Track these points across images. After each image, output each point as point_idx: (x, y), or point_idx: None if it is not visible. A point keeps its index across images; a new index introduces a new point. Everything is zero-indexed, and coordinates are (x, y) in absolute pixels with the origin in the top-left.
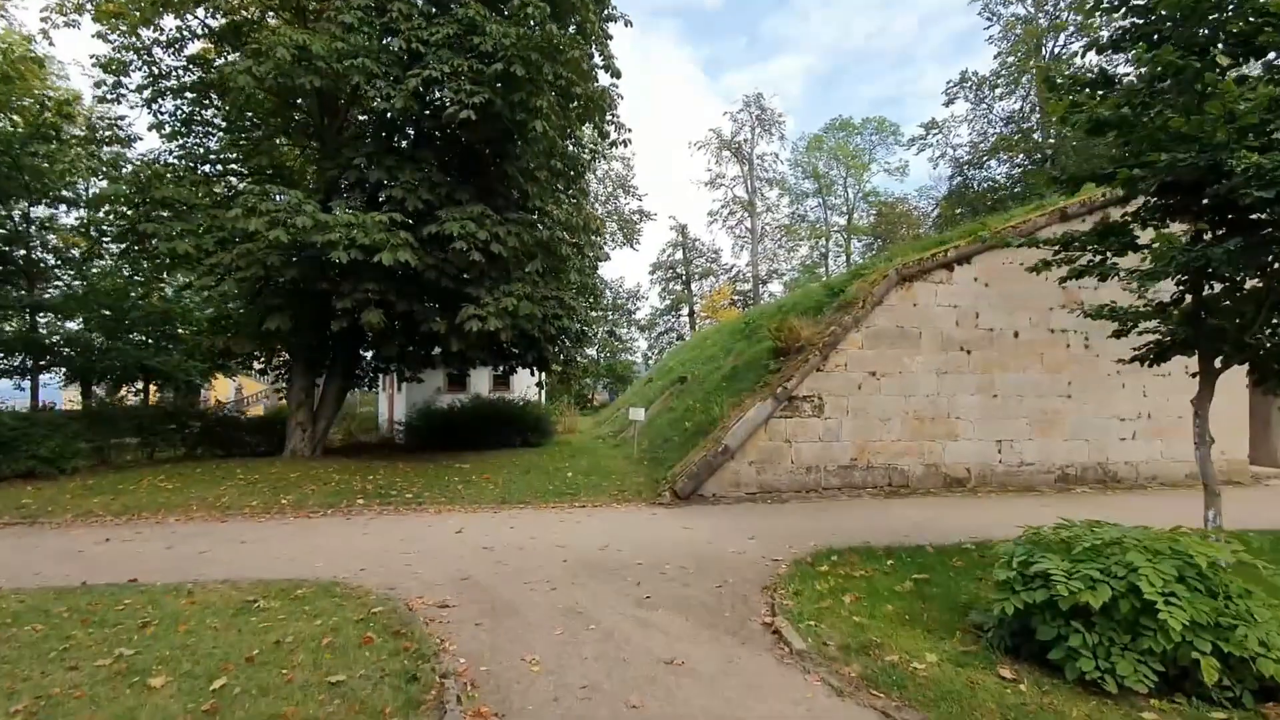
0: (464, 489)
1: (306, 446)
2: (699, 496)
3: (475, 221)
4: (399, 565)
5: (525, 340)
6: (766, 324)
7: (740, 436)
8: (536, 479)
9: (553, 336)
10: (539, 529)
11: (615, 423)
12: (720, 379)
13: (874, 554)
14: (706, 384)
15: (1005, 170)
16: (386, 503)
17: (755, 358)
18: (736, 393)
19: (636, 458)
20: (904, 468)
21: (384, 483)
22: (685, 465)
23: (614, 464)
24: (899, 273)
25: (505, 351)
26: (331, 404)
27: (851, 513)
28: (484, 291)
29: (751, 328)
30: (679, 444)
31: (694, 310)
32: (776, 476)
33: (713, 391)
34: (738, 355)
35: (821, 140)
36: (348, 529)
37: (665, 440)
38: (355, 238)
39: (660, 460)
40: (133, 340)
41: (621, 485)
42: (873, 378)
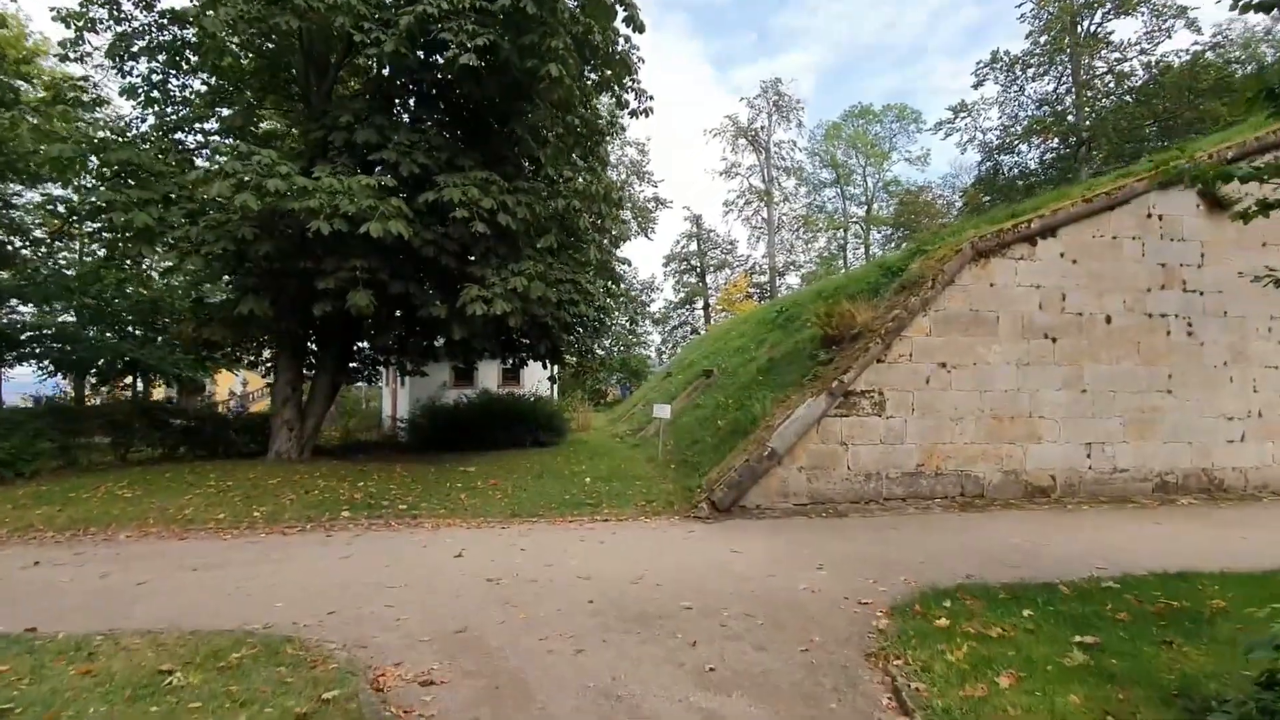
0: (468, 498)
1: (294, 448)
2: (741, 508)
3: (479, 188)
4: (378, 607)
5: (537, 328)
6: (812, 309)
7: (788, 438)
8: (551, 485)
9: (567, 324)
10: (555, 551)
11: (633, 420)
12: (755, 372)
13: (996, 597)
14: (738, 378)
15: (1038, 154)
16: (376, 515)
17: (797, 348)
18: (779, 387)
19: (662, 460)
20: (978, 475)
21: (376, 490)
22: (723, 471)
23: (637, 467)
24: (974, 246)
25: (514, 342)
26: (322, 400)
27: (929, 531)
28: (490, 271)
29: (786, 316)
30: (712, 446)
31: (709, 304)
32: (830, 485)
33: (747, 386)
34: (773, 346)
35: (839, 128)
36: (324, 551)
37: (695, 441)
38: (339, 205)
39: (691, 464)
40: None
41: (649, 494)
42: (942, 370)
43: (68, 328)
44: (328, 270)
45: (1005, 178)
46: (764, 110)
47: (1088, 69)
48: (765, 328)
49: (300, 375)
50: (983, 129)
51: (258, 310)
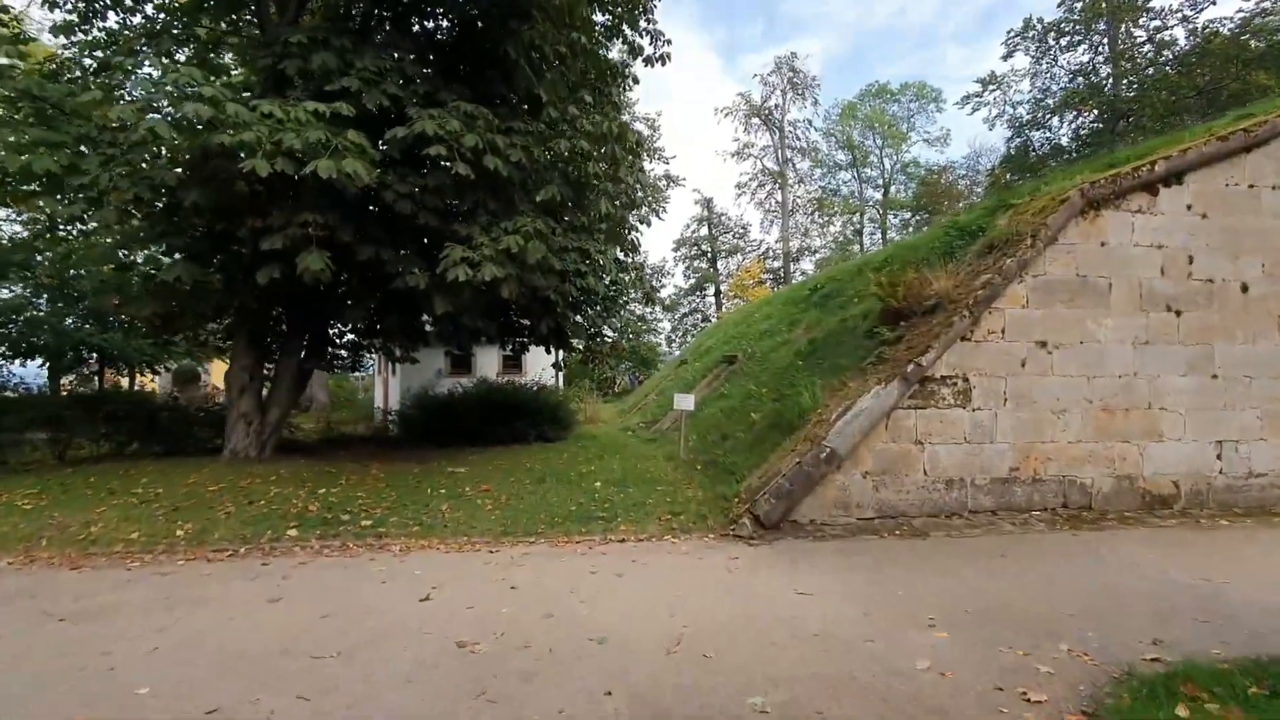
0: (451, 510)
1: (252, 445)
2: (791, 524)
3: (461, 121)
4: (285, 700)
5: (537, 304)
6: (871, 279)
7: (851, 437)
8: (554, 492)
9: (574, 300)
10: (557, 591)
11: (645, 412)
12: (792, 356)
13: (1244, 691)
14: (770, 363)
15: (1073, 129)
16: (331, 534)
17: (845, 327)
18: (828, 373)
19: (685, 459)
20: (1084, 481)
21: (339, 499)
22: (767, 476)
23: (656, 467)
24: (1084, 195)
25: (513, 323)
26: (287, 389)
27: (1044, 558)
28: (477, 230)
29: (823, 294)
30: (747, 443)
31: (720, 290)
32: (902, 494)
33: (784, 373)
34: (809, 327)
35: (855, 108)
36: (249, 589)
37: (724, 437)
38: (284, 140)
39: (721, 465)
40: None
41: (673, 503)
42: (1041, 350)
43: (15, 303)
44: (275, 227)
45: (1037, 154)
46: (778, 88)
47: (1126, 37)
48: (797, 307)
49: (261, 361)
50: (1013, 102)
51: (186, 277)
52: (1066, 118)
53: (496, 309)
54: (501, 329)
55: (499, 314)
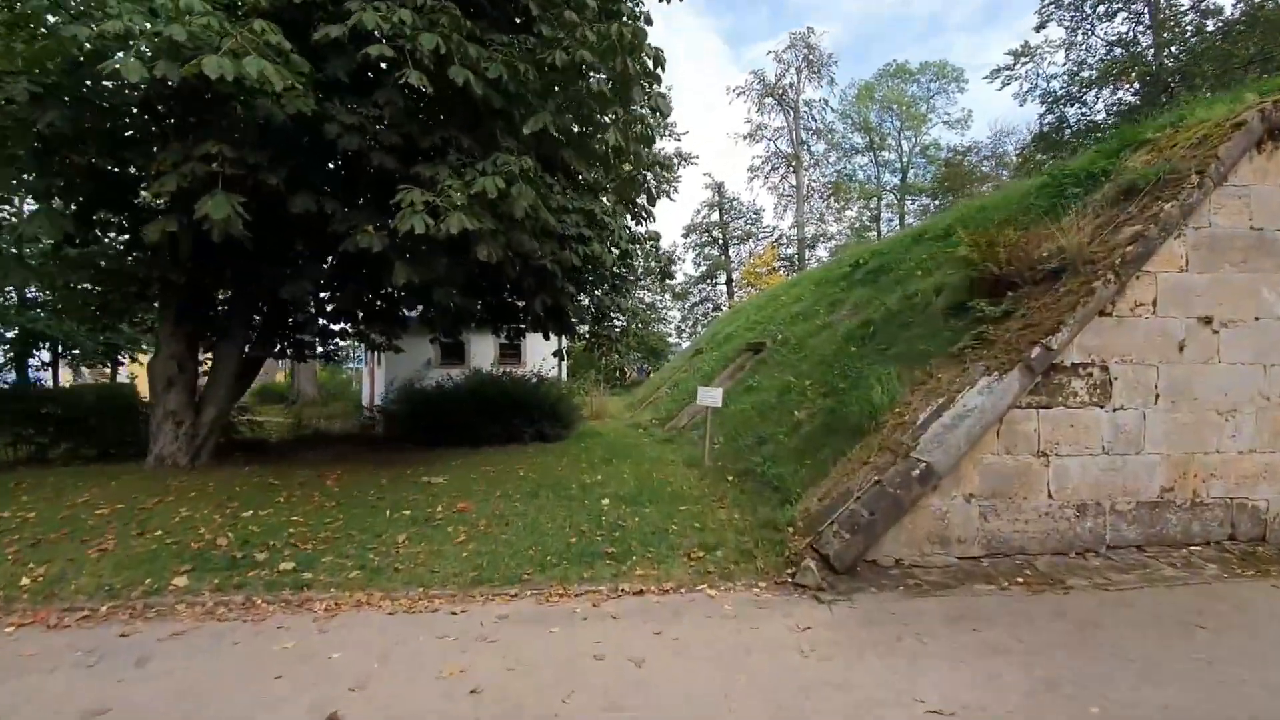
0: (408, 544)
1: (181, 449)
2: (871, 566)
3: (417, 14)
4: None
5: (531, 275)
6: (963, 236)
7: (953, 446)
8: (549, 512)
9: (575, 271)
10: (546, 699)
11: (658, 407)
12: (840, 341)
13: None
14: (812, 350)
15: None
16: (235, 583)
17: (914, 303)
18: (900, 360)
19: (712, 467)
20: (1258, 505)
21: (265, 527)
22: (831, 498)
23: (676, 476)
24: (1266, 119)
25: (503, 303)
26: (228, 383)
27: (1267, 627)
28: (445, 171)
29: (870, 269)
30: (793, 450)
31: (732, 278)
32: (1019, 524)
33: (835, 361)
34: (858, 307)
35: (872, 89)
36: (75, 687)
37: (760, 440)
38: (162, 32)
39: (760, 476)
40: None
41: (703, 530)
42: (1205, 328)
43: None
44: (169, 163)
45: (1072, 130)
46: (793, 65)
47: (1167, 5)
48: (835, 287)
49: (194, 348)
50: (1046, 76)
51: (52, 232)
52: (1105, 91)
53: (480, 282)
54: (491, 311)
55: (484, 289)
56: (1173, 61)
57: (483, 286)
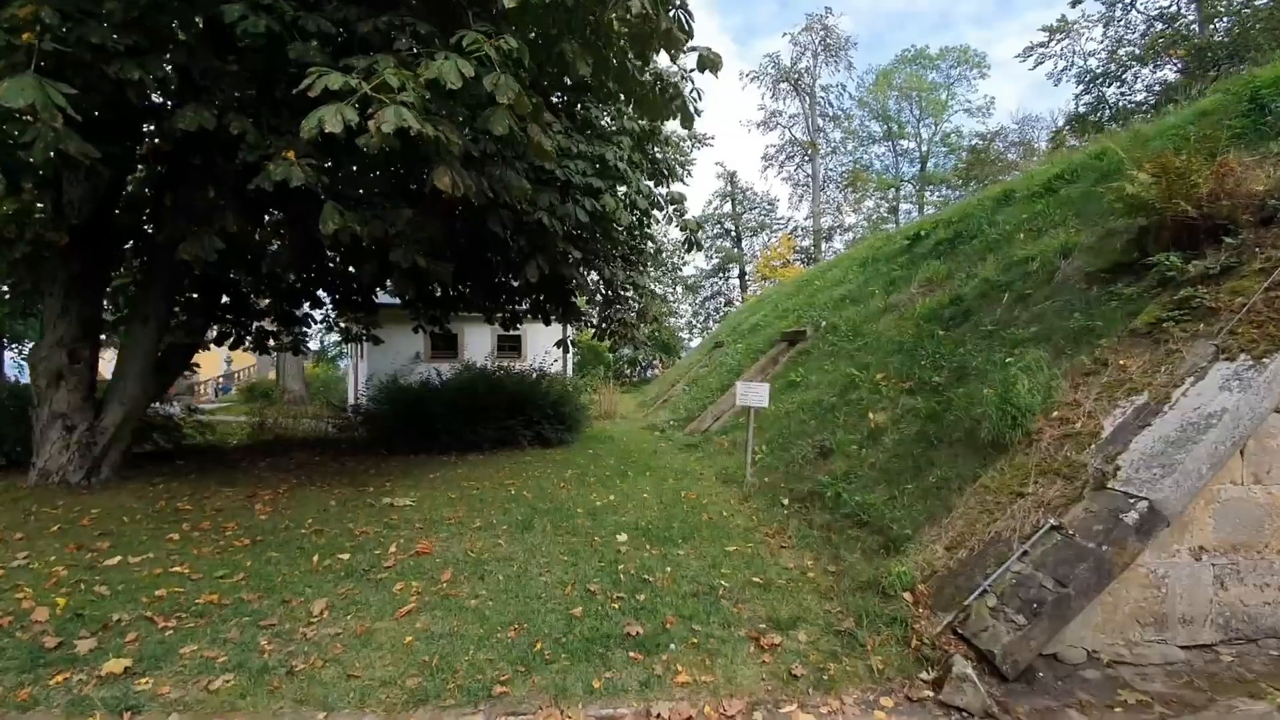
0: (322, 623)
1: (74, 462)
2: (1053, 664)
3: None
4: None
5: (524, 233)
6: (1145, 166)
7: (1190, 473)
8: (543, 557)
9: (582, 236)
10: None
11: (676, 406)
12: (917, 324)
13: None
14: (875, 337)
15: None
16: (18, 704)
17: (1031, 270)
18: (1038, 343)
19: (760, 484)
20: None
21: (122, 589)
22: (973, 548)
23: (711, 498)
24: None
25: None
26: (139, 377)
27: None
28: (390, 61)
29: (936, 240)
30: (877, 466)
31: (745, 271)
32: (1272, 591)
33: (916, 347)
34: (935, 282)
35: (890, 76)
36: None
37: (822, 451)
38: None
39: (828, 501)
40: None
41: (767, 591)
42: None
43: None
44: None
45: (1113, 109)
46: (809, 49)
47: None
48: (891, 264)
49: (91, 331)
50: (1083, 53)
51: None
52: (1148, 68)
53: (458, 240)
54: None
55: (462, 251)
56: (1219, 36)
57: (461, 247)
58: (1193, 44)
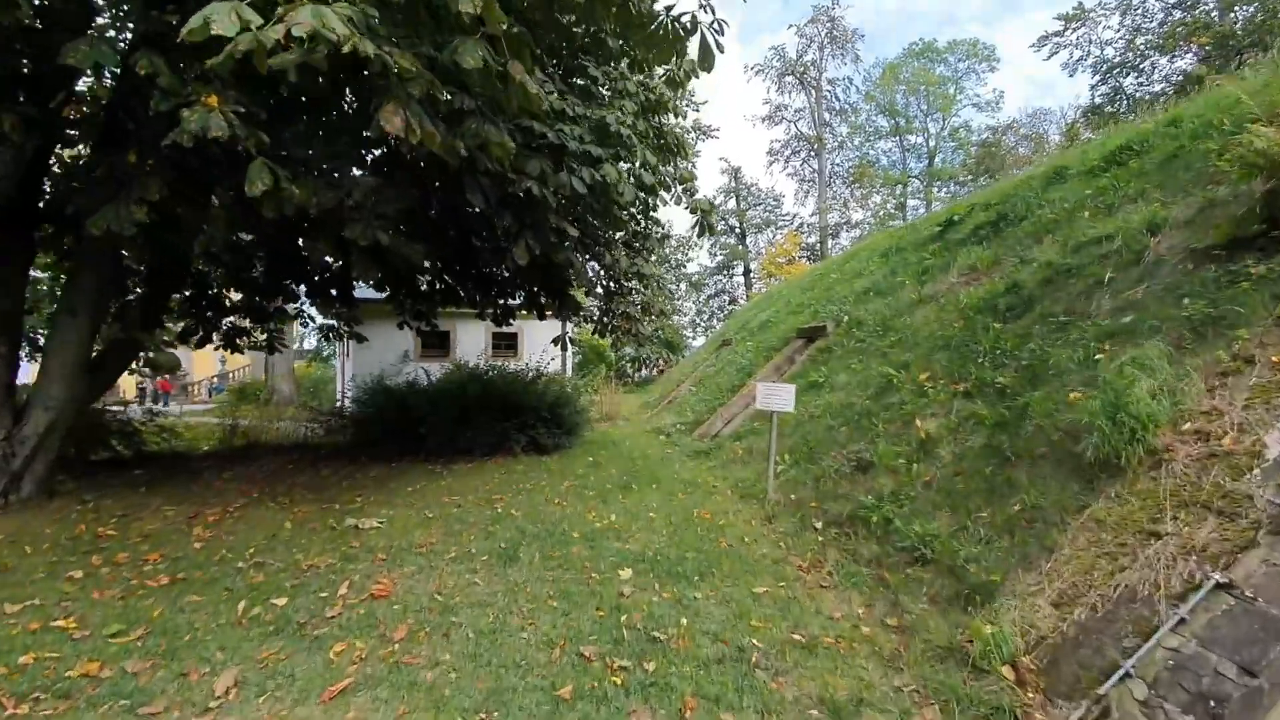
0: (231, 704)
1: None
2: None
3: None
4: None
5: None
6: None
7: None
8: (526, 601)
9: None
10: None
11: (683, 408)
12: (965, 315)
13: None
14: (913, 332)
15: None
16: None
17: (1113, 252)
18: (1131, 336)
19: (785, 501)
20: None
21: None
22: (1098, 606)
23: (729, 518)
24: None
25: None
26: (67, 376)
27: None
28: None
29: (974, 224)
30: (934, 485)
31: (749, 269)
32: None
33: (966, 343)
34: (981, 269)
35: (897, 70)
36: None
37: (859, 464)
38: None
39: (874, 527)
40: None
41: (811, 655)
42: None
43: None
44: None
45: (1130, 100)
46: (815, 41)
47: None
48: (920, 253)
49: (12, 324)
50: (1100, 42)
51: None
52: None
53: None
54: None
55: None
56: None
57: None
58: (1215, 31)
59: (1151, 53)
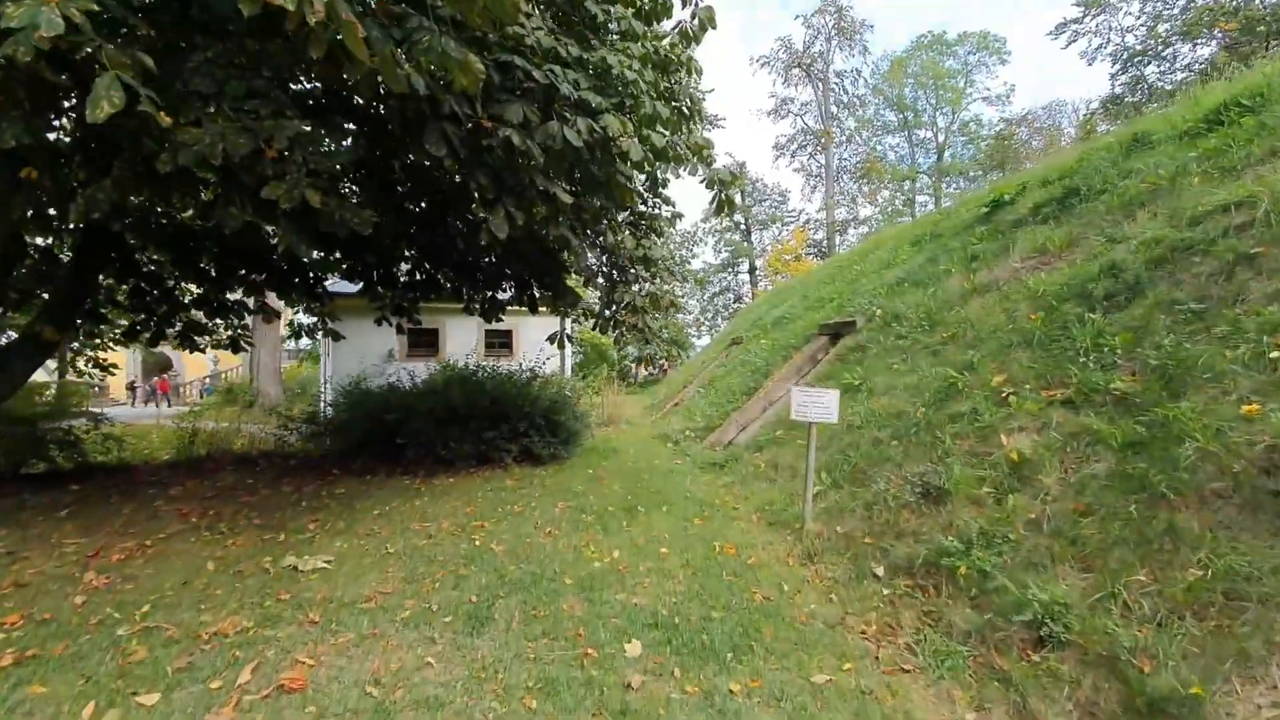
0: None
1: None
2: None
3: None
4: None
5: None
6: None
7: None
8: (499, 689)
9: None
10: None
11: (692, 412)
12: (1043, 305)
13: None
14: (970, 326)
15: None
16: None
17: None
18: None
19: (825, 534)
20: None
21: None
22: None
23: (759, 557)
24: None
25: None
26: None
27: None
28: None
29: (1034, 201)
30: (1070, 538)
31: (755, 266)
32: None
33: (1056, 338)
34: (1048, 252)
35: (904, 63)
36: None
37: (925, 490)
38: None
39: (964, 582)
40: None
41: None
42: None
43: None
44: None
45: (1151, 89)
46: (822, 32)
47: None
48: (965, 237)
49: None
50: (1121, 29)
51: None
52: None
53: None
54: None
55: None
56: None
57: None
58: (1244, 15)
59: (1175, 40)
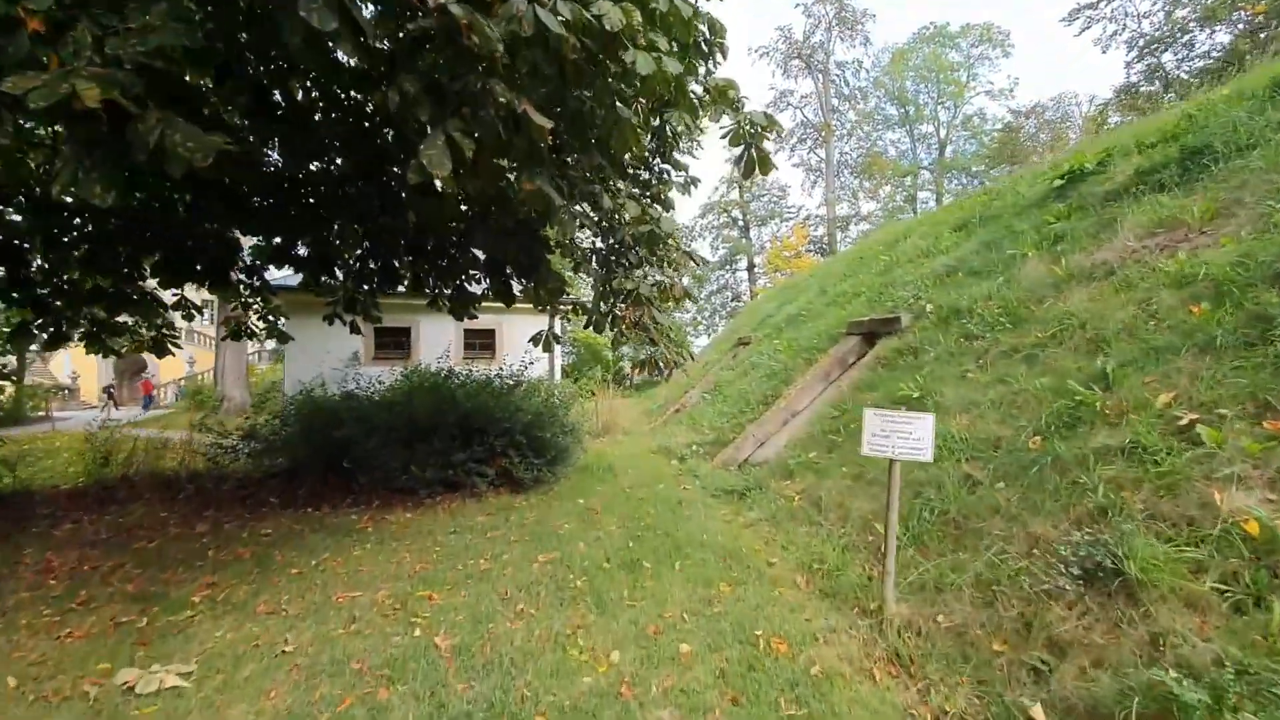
0: None
1: None
2: None
3: None
4: None
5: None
6: None
7: None
8: None
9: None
10: None
11: (696, 420)
12: (1220, 287)
13: None
14: (1083, 322)
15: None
16: None
17: None
18: None
19: (917, 624)
20: None
21: None
22: None
23: (822, 652)
24: None
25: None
26: None
27: None
28: None
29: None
30: None
31: (754, 264)
32: None
33: (1256, 343)
34: (1182, 225)
35: (906, 56)
36: None
37: (1082, 569)
38: None
39: None
40: None
41: None
42: None
43: None
44: None
45: (1169, 78)
46: (823, 21)
47: None
48: (1032, 216)
49: None
50: (1137, 14)
51: None
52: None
53: None
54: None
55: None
56: None
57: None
58: None
59: (1194, 26)
